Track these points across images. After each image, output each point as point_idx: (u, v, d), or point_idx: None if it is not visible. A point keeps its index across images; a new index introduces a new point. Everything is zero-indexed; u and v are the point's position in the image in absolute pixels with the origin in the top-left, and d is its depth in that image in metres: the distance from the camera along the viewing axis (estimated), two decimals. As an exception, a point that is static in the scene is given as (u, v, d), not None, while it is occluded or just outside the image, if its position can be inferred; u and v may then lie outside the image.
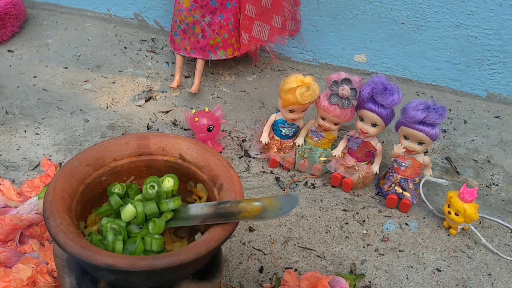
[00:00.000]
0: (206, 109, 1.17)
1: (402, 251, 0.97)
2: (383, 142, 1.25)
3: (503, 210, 1.08)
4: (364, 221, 1.04)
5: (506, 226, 1.04)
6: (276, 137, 1.16)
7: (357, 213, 1.05)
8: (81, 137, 1.21)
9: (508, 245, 1.00)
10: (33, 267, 0.78)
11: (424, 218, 1.05)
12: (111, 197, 0.68)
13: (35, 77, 1.41)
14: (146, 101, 1.35)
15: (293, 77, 1.04)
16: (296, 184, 1.12)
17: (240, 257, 0.93)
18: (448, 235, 1.01)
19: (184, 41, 1.34)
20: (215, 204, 0.62)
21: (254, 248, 0.95)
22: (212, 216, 0.60)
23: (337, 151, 1.11)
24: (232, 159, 1.18)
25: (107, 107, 1.32)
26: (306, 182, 1.13)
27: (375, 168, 1.09)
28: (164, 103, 1.35)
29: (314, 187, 1.12)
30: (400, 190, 1.05)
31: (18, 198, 0.92)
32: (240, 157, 1.19)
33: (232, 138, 1.25)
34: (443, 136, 1.30)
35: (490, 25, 1.31)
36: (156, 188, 0.67)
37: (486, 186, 1.15)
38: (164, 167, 0.73)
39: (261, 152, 1.18)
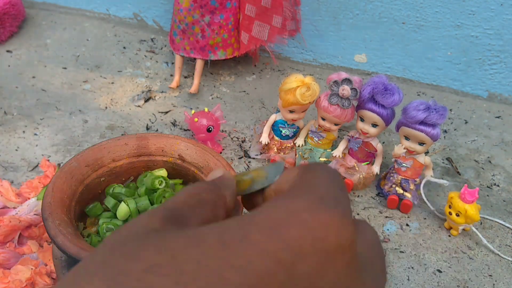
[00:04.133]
0: (206, 110, 1.16)
1: (402, 252, 0.97)
2: (383, 143, 1.25)
3: (504, 211, 1.08)
4: (364, 222, 1.03)
5: (507, 227, 1.04)
6: (276, 138, 1.15)
7: (358, 214, 1.05)
8: (80, 137, 1.20)
9: (509, 246, 0.99)
10: (32, 269, 0.77)
11: (425, 219, 1.05)
12: (106, 199, 0.68)
13: (33, 77, 1.40)
14: (145, 101, 1.35)
15: (293, 77, 1.03)
16: (296, 185, 1.12)
17: (240, 258, 0.92)
18: (449, 236, 1.01)
19: (184, 41, 1.34)
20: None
21: (254, 249, 0.94)
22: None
23: (338, 152, 1.10)
24: (232, 159, 1.18)
25: (106, 107, 1.31)
26: (306, 183, 1.13)
27: (376, 168, 1.09)
28: (163, 103, 1.35)
29: (314, 188, 1.11)
30: (401, 191, 1.05)
31: (17, 199, 0.92)
32: (240, 158, 1.18)
33: (231, 138, 1.24)
34: (444, 137, 1.29)
35: (491, 25, 1.31)
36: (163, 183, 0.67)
37: (487, 187, 1.14)
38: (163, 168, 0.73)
39: (261, 153, 1.18)
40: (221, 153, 1.19)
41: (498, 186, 1.15)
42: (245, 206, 0.27)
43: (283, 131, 1.14)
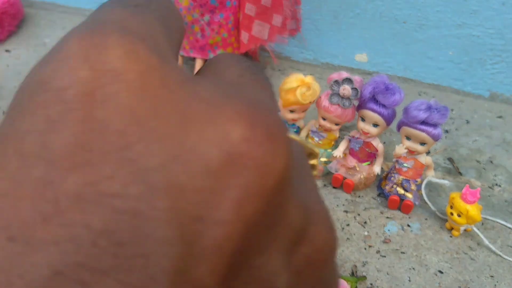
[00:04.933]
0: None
1: (404, 252, 0.96)
2: (384, 143, 1.24)
3: (506, 211, 1.07)
4: (365, 222, 1.02)
5: (509, 228, 1.03)
6: (276, 138, 1.14)
7: (359, 215, 1.04)
8: (79, 137, 1.19)
9: (511, 246, 0.99)
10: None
11: (426, 219, 1.04)
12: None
13: (33, 77, 1.40)
14: (145, 101, 1.34)
15: (294, 77, 1.03)
16: (297, 185, 1.11)
17: (240, 259, 0.92)
18: (451, 236, 1.00)
19: (183, 40, 1.33)
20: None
21: (254, 250, 0.94)
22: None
23: (338, 152, 1.10)
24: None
25: (105, 107, 1.31)
26: (307, 183, 1.12)
27: (377, 169, 1.08)
28: (163, 103, 1.34)
29: (314, 188, 1.11)
30: (402, 191, 1.04)
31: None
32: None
33: (231, 138, 1.23)
34: (445, 137, 1.29)
35: (492, 24, 1.30)
36: None
37: (489, 187, 1.14)
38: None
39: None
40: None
41: (499, 186, 1.14)
42: None
43: (283, 131, 1.13)
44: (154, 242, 0.09)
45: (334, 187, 1.11)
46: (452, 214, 0.97)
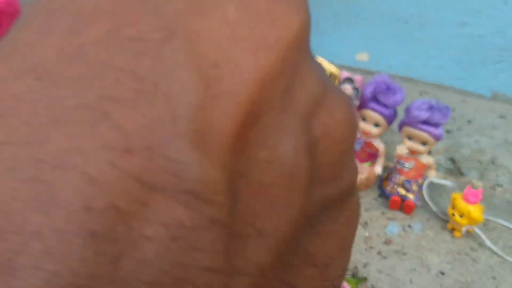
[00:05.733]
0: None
1: (405, 254, 0.95)
2: (385, 143, 1.23)
3: (508, 212, 1.06)
4: (366, 223, 1.02)
5: (511, 228, 1.02)
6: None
7: (359, 215, 1.04)
8: (78, 137, 1.19)
9: (513, 247, 0.98)
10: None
11: (428, 220, 1.04)
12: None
13: (32, 76, 1.39)
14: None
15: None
16: (297, 185, 1.11)
17: (240, 260, 0.91)
18: (452, 237, 1.00)
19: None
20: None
21: (254, 250, 0.93)
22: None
23: (339, 152, 1.09)
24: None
25: (105, 106, 1.30)
26: (307, 183, 1.12)
27: (378, 169, 1.07)
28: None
29: (315, 188, 1.10)
30: (403, 192, 1.03)
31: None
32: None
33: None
34: (447, 137, 1.28)
35: (494, 23, 1.29)
36: None
37: (491, 188, 1.13)
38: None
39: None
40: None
41: (501, 187, 1.14)
42: None
43: (284, 131, 1.13)
44: (174, 81, 0.09)
45: (334, 188, 1.10)
46: (453, 214, 0.96)
